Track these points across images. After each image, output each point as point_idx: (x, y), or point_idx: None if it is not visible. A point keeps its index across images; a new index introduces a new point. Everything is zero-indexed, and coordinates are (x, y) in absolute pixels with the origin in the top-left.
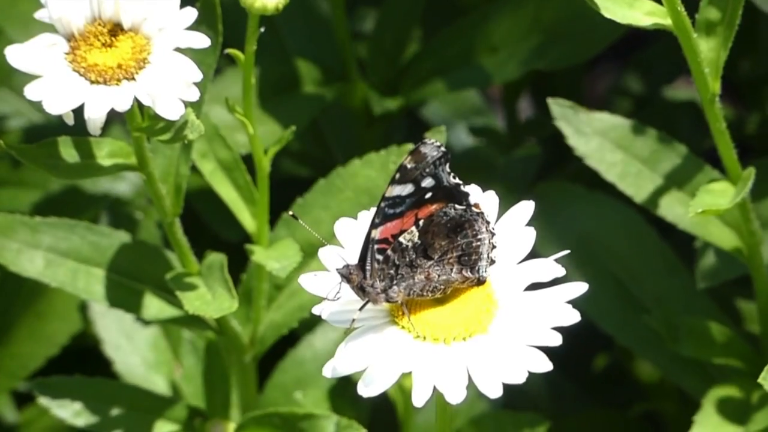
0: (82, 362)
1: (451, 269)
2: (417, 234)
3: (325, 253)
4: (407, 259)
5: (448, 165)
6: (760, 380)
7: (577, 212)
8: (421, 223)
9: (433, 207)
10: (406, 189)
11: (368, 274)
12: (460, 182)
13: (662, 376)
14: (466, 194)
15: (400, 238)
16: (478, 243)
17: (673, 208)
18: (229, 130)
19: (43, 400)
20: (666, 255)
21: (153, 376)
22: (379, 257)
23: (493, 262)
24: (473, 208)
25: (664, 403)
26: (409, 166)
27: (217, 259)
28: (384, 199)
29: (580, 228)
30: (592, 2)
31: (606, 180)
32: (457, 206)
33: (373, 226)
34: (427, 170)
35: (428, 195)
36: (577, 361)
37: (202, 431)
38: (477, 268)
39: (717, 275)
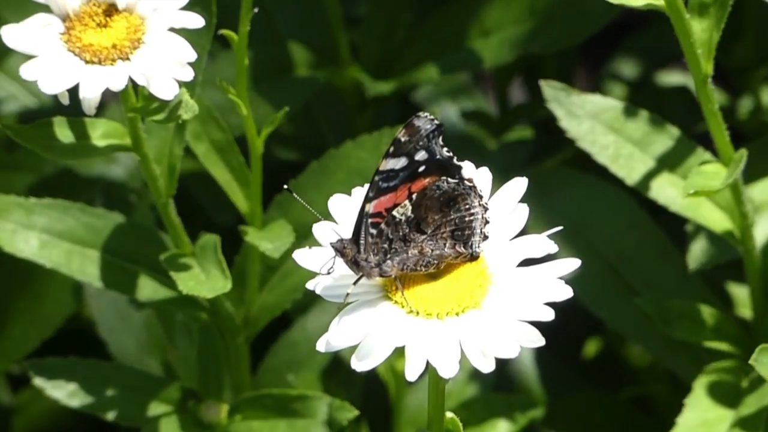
0: (77, 344)
1: (445, 244)
2: (410, 208)
3: (319, 229)
4: (401, 233)
5: (441, 138)
6: (751, 361)
7: (568, 196)
8: (414, 196)
9: (426, 180)
10: (400, 162)
11: (362, 248)
12: (453, 155)
13: (653, 360)
14: (459, 167)
15: (394, 212)
16: (471, 217)
17: (665, 191)
18: (223, 112)
19: (38, 381)
20: (657, 238)
21: (147, 357)
22: (373, 231)
23: (486, 237)
24: (466, 182)
25: (655, 387)
26: (403, 139)
27: (210, 239)
28: (378, 173)
29: (572, 211)
30: None
31: (598, 162)
32: (449, 180)
33: (367, 200)
34: (421, 143)
35: (421, 168)
36: (568, 345)
37: (195, 412)
38: (470, 243)
39: (708, 258)
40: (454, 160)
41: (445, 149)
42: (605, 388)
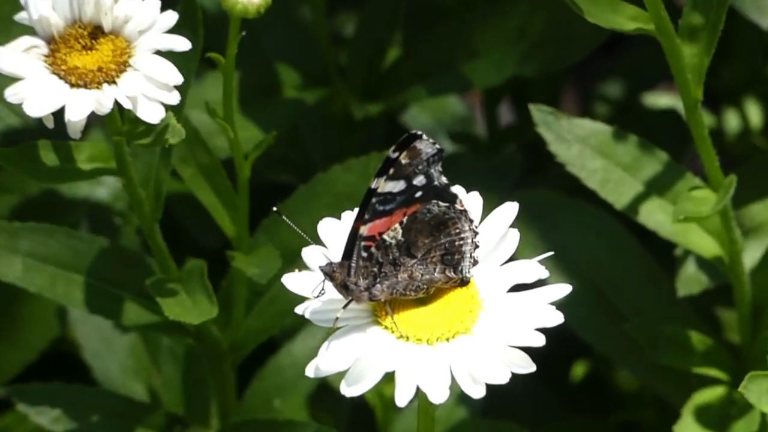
0: (61, 368)
1: (435, 268)
2: (400, 231)
3: (308, 253)
4: (390, 257)
5: (440, 164)
6: (740, 389)
7: (557, 220)
8: (404, 220)
9: (418, 204)
10: (399, 186)
11: (353, 271)
12: (449, 183)
13: (641, 385)
14: (455, 196)
15: (384, 235)
16: (461, 242)
17: (654, 216)
18: (210, 134)
19: (22, 407)
20: (646, 263)
21: (132, 382)
22: (364, 254)
23: (476, 262)
24: (456, 206)
25: (643, 412)
26: (403, 161)
27: (197, 265)
28: (375, 194)
29: (560, 236)
30: (575, 6)
31: (587, 187)
32: (440, 203)
33: (362, 222)
34: (420, 167)
35: (419, 194)
36: (556, 370)
37: None
38: (460, 268)
39: (697, 284)
40: (450, 189)
41: (443, 177)
42: (593, 413)
